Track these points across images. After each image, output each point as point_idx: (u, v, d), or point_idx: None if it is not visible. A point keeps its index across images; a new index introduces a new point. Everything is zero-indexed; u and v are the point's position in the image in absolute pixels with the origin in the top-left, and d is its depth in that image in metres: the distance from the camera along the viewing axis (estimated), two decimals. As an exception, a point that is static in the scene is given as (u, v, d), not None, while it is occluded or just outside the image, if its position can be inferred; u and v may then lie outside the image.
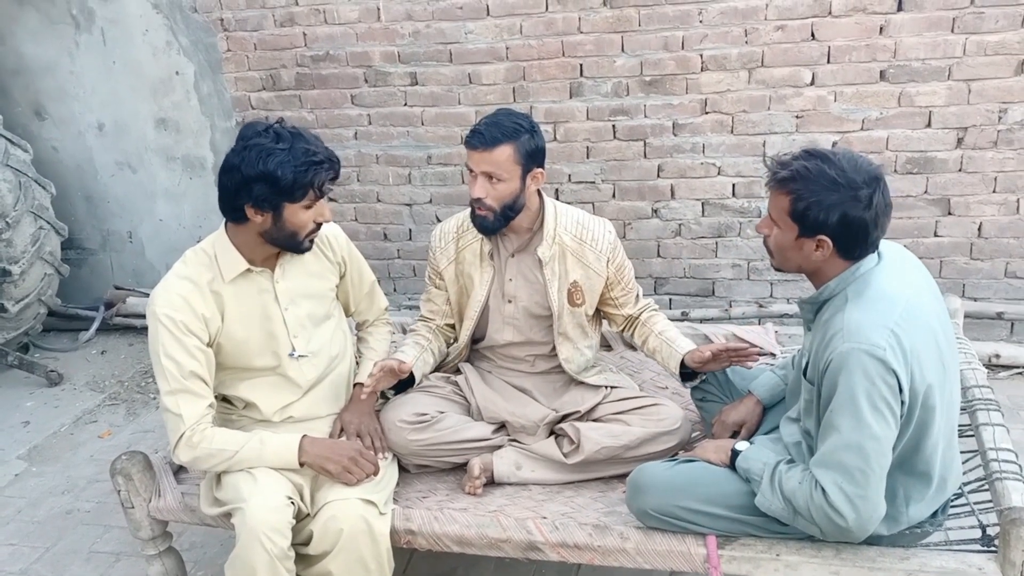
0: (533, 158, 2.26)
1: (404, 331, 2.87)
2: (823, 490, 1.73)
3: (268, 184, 2.00)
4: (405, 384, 2.44)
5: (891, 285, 1.76)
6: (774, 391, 2.23)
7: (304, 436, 2.16)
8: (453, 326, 2.59)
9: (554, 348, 2.47)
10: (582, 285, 2.41)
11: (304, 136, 2.05)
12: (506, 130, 2.21)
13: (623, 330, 2.59)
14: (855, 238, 1.75)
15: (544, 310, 2.43)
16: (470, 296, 2.46)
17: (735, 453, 1.97)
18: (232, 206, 2.08)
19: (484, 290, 2.43)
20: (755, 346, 2.27)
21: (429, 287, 2.58)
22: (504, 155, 2.21)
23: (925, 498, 1.85)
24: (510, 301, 2.43)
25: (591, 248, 2.40)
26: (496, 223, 2.30)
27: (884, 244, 1.86)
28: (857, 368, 1.67)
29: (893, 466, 1.76)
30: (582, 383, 2.48)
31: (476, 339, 2.56)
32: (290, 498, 2.08)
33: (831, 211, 1.72)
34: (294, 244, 2.15)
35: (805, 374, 1.88)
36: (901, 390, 1.68)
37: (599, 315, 2.56)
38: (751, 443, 1.99)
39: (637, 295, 2.55)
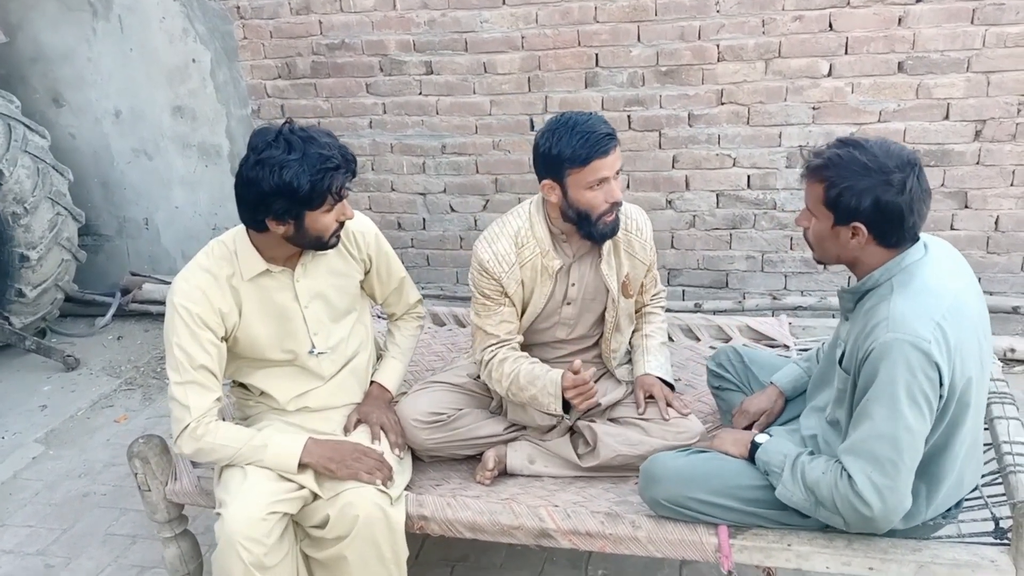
0: None
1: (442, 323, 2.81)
2: (850, 478, 1.72)
3: (286, 197, 1.98)
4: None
5: (938, 278, 1.74)
6: (796, 383, 2.23)
7: (310, 438, 2.15)
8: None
9: (598, 340, 2.46)
10: (631, 276, 2.39)
11: (316, 139, 2.01)
12: (610, 126, 2.17)
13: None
14: (890, 224, 1.73)
15: (600, 306, 2.39)
16: (526, 308, 2.38)
17: (755, 445, 1.96)
18: (253, 219, 2.07)
19: (543, 301, 2.35)
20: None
21: (496, 308, 2.32)
22: (619, 148, 2.17)
23: (944, 496, 1.85)
24: (569, 303, 2.38)
25: (636, 238, 2.38)
26: (618, 219, 2.25)
27: (929, 238, 1.84)
28: (900, 358, 1.65)
29: (920, 462, 1.76)
30: (611, 376, 2.48)
31: None
32: (283, 501, 2.06)
33: (863, 196, 1.71)
34: (319, 244, 2.14)
35: (841, 363, 1.86)
36: (941, 384, 1.67)
37: None
38: (770, 435, 1.98)
39: (656, 280, 2.56)
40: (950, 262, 1.83)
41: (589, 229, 2.21)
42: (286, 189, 1.96)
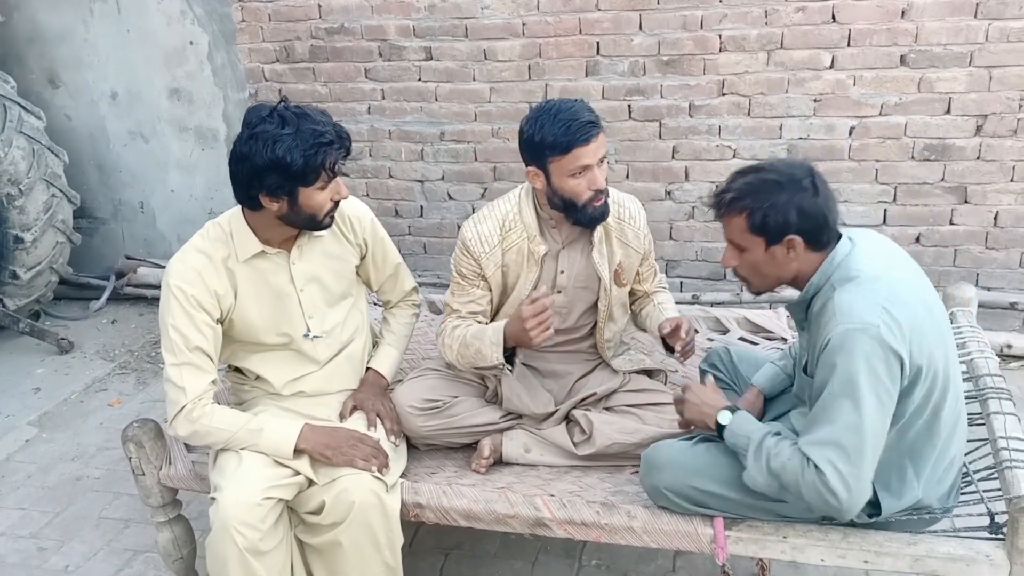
0: None
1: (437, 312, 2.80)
2: (816, 467, 1.73)
3: (279, 172, 1.97)
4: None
5: (871, 265, 1.79)
6: (774, 381, 2.25)
7: (306, 424, 2.14)
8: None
9: (591, 330, 2.45)
10: (624, 265, 2.38)
11: (310, 116, 2.00)
12: (594, 113, 2.15)
13: (633, 304, 2.58)
14: (818, 227, 1.79)
15: (592, 295, 2.38)
16: (510, 295, 2.37)
17: (720, 427, 1.95)
18: (247, 195, 2.06)
19: (529, 287, 2.33)
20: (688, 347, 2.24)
21: (468, 289, 2.34)
22: (603, 135, 2.17)
23: (932, 473, 1.85)
24: (560, 291, 2.37)
25: (630, 226, 2.37)
26: (607, 205, 2.23)
27: (853, 231, 1.90)
28: (855, 347, 1.68)
29: (906, 441, 1.78)
30: (607, 366, 2.47)
31: None
32: (278, 487, 2.05)
33: (787, 209, 1.77)
34: (314, 224, 2.13)
35: (806, 371, 1.89)
36: (903, 365, 1.69)
37: None
38: (732, 412, 1.95)
39: (655, 269, 2.55)
40: (880, 247, 1.89)
41: (576, 215, 2.20)
42: (279, 163, 1.95)
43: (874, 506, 1.86)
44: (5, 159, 3.95)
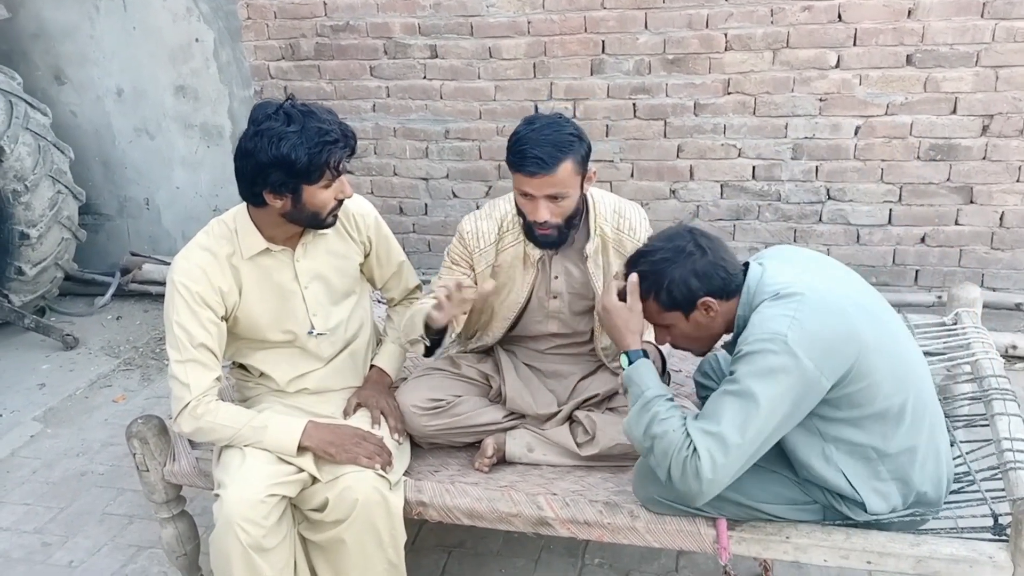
0: (587, 161, 2.17)
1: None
2: (695, 450, 1.76)
3: (283, 169, 1.97)
4: (435, 345, 2.32)
5: (786, 279, 1.82)
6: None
7: (310, 421, 2.14)
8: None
9: (591, 336, 2.45)
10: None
11: (316, 114, 2.01)
12: (563, 145, 2.08)
13: None
14: (720, 280, 1.85)
15: (587, 302, 2.39)
16: (506, 298, 2.38)
17: (630, 355, 1.96)
18: (251, 192, 2.06)
19: (525, 291, 2.35)
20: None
21: (455, 272, 2.39)
22: (566, 172, 2.09)
23: (911, 465, 1.85)
24: (555, 297, 2.38)
25: (628, 238, 2.34)
26: (561, 236, 2.22)
27: (766, 252, 1.98)
28: (758, 354, 1.73)
29: (866, 437, 1.81)
30: (608, 368, 2.47)
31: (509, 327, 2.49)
32: (282, 484, 2.05)
33: (687, 279, 1.84)
34: (317, 222, 2.13)
35: None
36: (813, 374, 1.71)
37: None
38: (644, 355, 1.97)
39: None
40: (796, 258, 1.93)
41: (527, 231, 2.24)
42: (283, 161, 1.96)
43: (861, 505, 1.87)
44: (11, 155, 3.96)
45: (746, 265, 1.91)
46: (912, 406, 1.83)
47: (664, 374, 2.41)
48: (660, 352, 2.35)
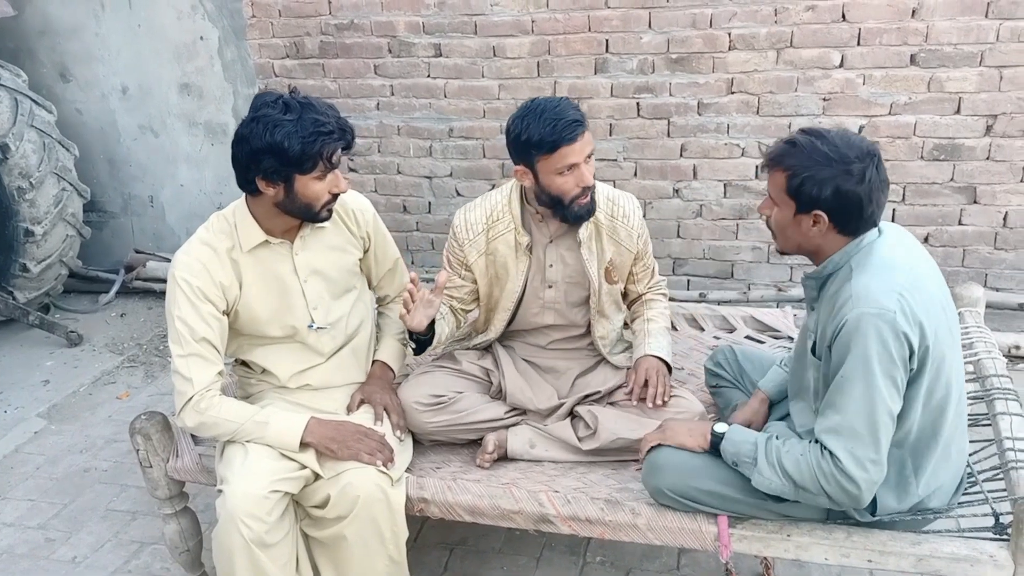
0: None
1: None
2: (832, 455, 1.73)
3: (275, 156, 1.99)
4: (423, 344, 2.37)
5: (895, 253, 1.79)
6: (781, 386, 2.23)
7: (312, 417, 2.14)
8: (468, 311, 2.56)
9: (589, 328, 2.46)
10: (616, 263, 2.39)
11: (315, 106, 2.03)
12: (575, 105, 2.17)
13: (630, 305, 2.58)
14: (850, 212, 1.77)
15: (584, 291, 2.40)
16: (504, 287, 2.41)
17: (717, 436, 1.95)
18: (245, 178, 2.08)
19: (521, 280, 2.37)
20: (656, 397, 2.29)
21: (451, 278, 2.44)
22: (588, 133, 2.18)
23: (933, 469, 1.85)
24: (551, 287, 2.40)
25: (623, 224, 2.38)
26: (594, 202, 2.26)
27: (884, 223, 1.89)
28: (870, 331, 1.68)
29: (907, 435, 1.79)
30: (608, 363, 2.48)
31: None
32: (285, 480, 2.06)
33: (824, 185, 1.74)
34: (310, 215, 2.14)
35: (813, 352, 1.88)
36: (912, 354, 1.70)
37: None
38: (728, 424, 1.97)
39: (652, 270, 2.55)
40: (906, 240, 1.89)
41: (564, 212, 2.24)
42: (276, 148, 1.97)
43: (871, 503, 1.86)
44: (16, 152, 3.97)
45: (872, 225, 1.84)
46: (952, 415, 1.82)
47: (670, 372, 2.42)
48: (665, 362, 2.38)
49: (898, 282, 1.72)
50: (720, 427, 1.95)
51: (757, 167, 3.78)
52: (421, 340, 2.29)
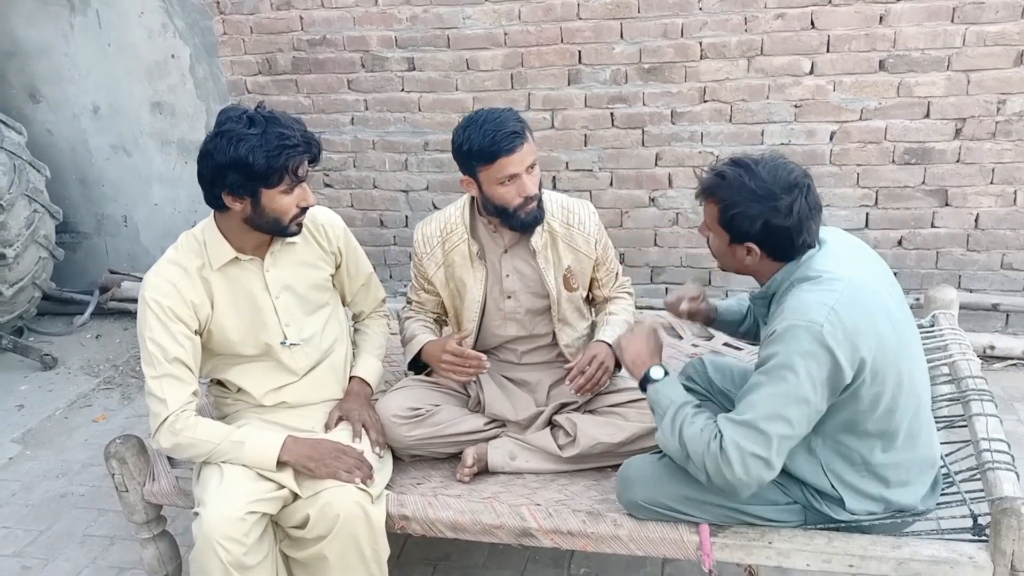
0: None
1: (397, 317, 2.84)
2: (721, 438, 1.78)
3: (240, 171, 1.99)
4: (419, 363, 2.44)
5: (833, 266, 1.82)
6: (730, 307, 2.31)
7: (289, 436, 2.13)
8: (446, 322, 2.58)
9: (555, 337, 2.46)
10: (575, 269, 2.41)
11: (280, 120, 2.02)
12: (517, 116, 2.20)
13: (595, 311, 2.59)
14: (781, 245, 1.84)
15: (543, 300, 2.41)
16: (464, 299, 2.43)
17: (647, 379, 1.98)
18: (211, 194, 2.08)
19: (479, 291, 2.39)
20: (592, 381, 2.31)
21: (418, 290, 2.53)
22: (529, 137, 2.21)
23: (897, 462, 1.87)
24: (509, 297, 2.41)
25: (579, 231, 2.39)
26: (541, 209, 2.28)
27: (827, 230, 1.94)
28: (792, 340, 1.73)
29: (860, 438, 1.83)
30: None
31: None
32: (262, 501, 2.04)
33: (754, 221, 1.81)
34: (279, 229, 2.13)
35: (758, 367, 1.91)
36: (839, 368, 1.72)
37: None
38: (666, 372, 2.00)
39: (616, 274, 2.56)
40: (848, 248, 1.93)
41: (510, 220, 2.27)
42: (240, 162, 1.97)
43: (839, 503, 1.89)
44: (-14, 175, 3.92)
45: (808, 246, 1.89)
46: (908, 425, 1.85)
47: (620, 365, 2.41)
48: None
49: (832, 296, 1.75)
50: (656, 372, 1.99)
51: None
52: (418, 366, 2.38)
